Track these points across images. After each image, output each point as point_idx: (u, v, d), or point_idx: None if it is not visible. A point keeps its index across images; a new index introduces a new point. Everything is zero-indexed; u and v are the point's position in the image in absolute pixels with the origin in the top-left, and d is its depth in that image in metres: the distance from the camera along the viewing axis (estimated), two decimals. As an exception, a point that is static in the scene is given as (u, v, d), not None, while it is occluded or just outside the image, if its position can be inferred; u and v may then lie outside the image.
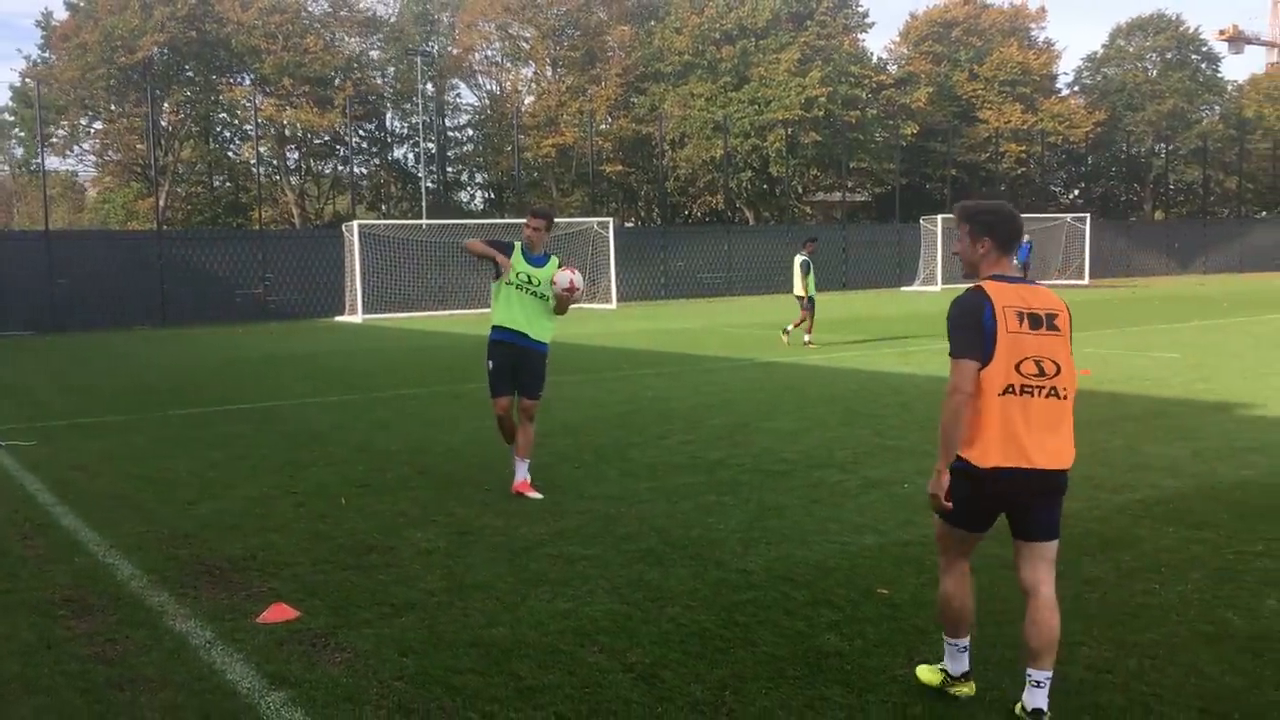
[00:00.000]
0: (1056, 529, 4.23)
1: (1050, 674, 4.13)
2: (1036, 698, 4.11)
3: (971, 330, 4.10)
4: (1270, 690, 4.36)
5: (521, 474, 8.18)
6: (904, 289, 42.30)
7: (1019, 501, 4.18)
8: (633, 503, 7.88)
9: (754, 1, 50.36)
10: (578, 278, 7.94)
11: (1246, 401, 11.89)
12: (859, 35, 54.54)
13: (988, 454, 4.08)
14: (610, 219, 39.14)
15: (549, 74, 54.10)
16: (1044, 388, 4.11)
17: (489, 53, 54.83)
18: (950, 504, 4.15)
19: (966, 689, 4.39)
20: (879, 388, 13.89)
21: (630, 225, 52.94)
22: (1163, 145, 60.58)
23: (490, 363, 8.17)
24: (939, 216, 42.66)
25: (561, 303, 8.01)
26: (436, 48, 53.11)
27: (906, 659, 4.79)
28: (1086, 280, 44.45)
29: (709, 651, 4.95)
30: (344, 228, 33.83)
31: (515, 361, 8.10)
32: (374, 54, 52.53)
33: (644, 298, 39.32)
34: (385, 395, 14.50)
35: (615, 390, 14.19)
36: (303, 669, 4.85)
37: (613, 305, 34.93)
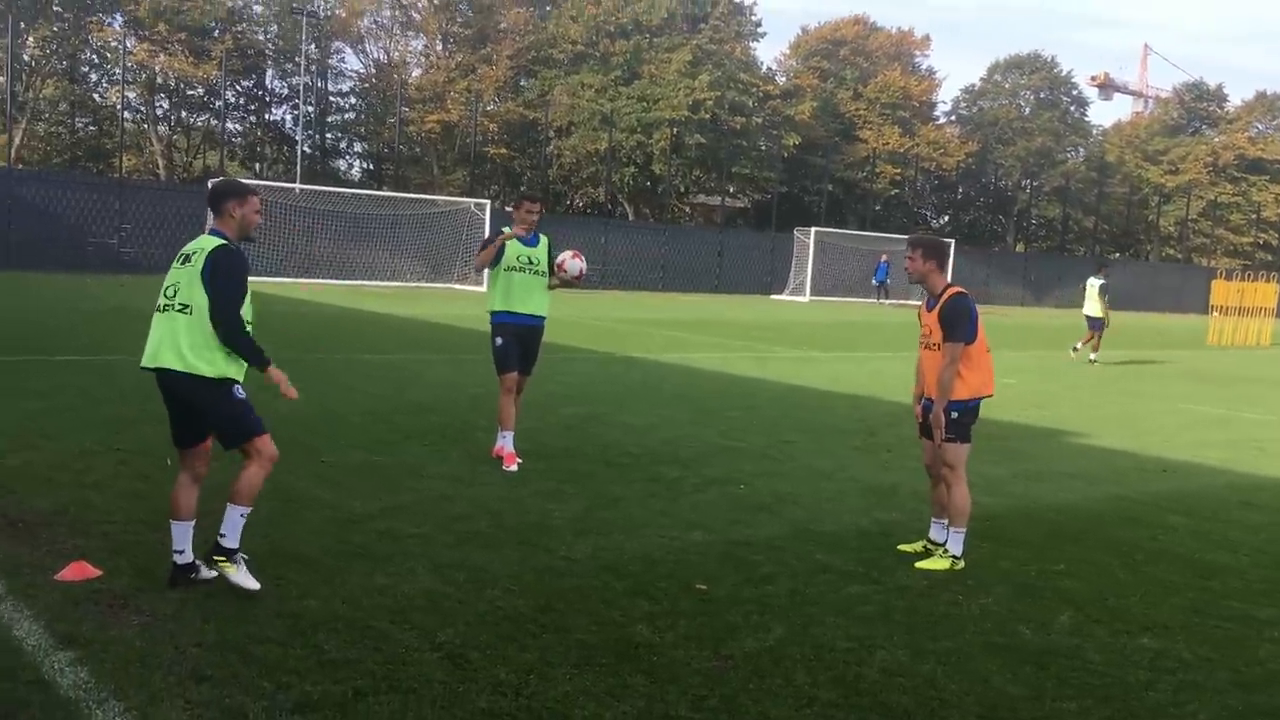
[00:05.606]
0: None
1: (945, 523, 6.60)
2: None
3: (974, 321, 6.41)
4: (1049, 701, 4.56)
5: (509, 445, 8.52)
6: (774, 297, 42.98)
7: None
8: (471, 484, 7.82)
9: (651, -1, 50.55)
10: (584, 264, 8.72)
11: (1078, 430, 12.43)
12: (750, 43, 55.25)
13: (987, 386, 6.56)
14: (487, 201, 38.69)
15: (439, 48, 53.27)
16: None
17: (378, 19, 53.73)
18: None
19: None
20: (732, 390, 14.09)
21: (510, 210, 52.48)
22: (1028, 180, 63.01)
23: (498, 339, 8.61)
24: (813, 229, 43.50)
25: (563, 283, 8.68)
26: (322, 8, 51.69)
27: (714, 653, 4.87)
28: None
29: (521, 635, 4.94)
30: (210, 184, 32.65)
31: (524, 339, 8.67)
32: (257, 8, 50.88)
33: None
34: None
35: (471, 373, 14.06)
36: (95, 629, 4.67)
37: (483, 288, 34.48)
